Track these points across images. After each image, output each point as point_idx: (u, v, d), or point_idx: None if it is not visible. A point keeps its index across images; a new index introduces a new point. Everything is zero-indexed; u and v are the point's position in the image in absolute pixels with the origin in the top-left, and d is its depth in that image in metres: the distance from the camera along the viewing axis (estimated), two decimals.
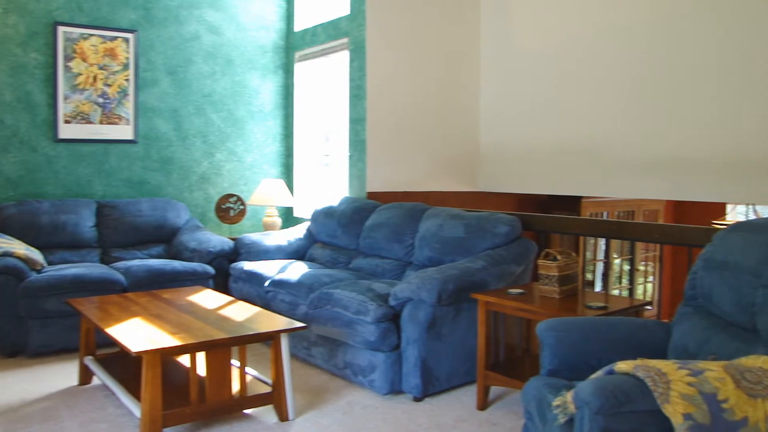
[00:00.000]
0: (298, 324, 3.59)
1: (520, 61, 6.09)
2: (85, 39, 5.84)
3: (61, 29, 5.72)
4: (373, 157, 5.78)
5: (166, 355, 3.29)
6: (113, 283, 4.85)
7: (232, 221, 6.42)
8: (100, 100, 5.95)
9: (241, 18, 6.69)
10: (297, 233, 5.87)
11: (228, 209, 6.40)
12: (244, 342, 3.41)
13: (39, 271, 4.80)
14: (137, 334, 3.32)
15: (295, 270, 4.94)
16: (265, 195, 6.25)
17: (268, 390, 3.56)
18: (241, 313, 3.84)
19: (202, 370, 3.38)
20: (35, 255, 4.86)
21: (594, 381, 2.04)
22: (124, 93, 6.06)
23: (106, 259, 5.55)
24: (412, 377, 3.84)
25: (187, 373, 3.54)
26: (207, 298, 4.23)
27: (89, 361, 3.99)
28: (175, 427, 3.35)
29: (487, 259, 4.17)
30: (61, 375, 4.27)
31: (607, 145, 5.37)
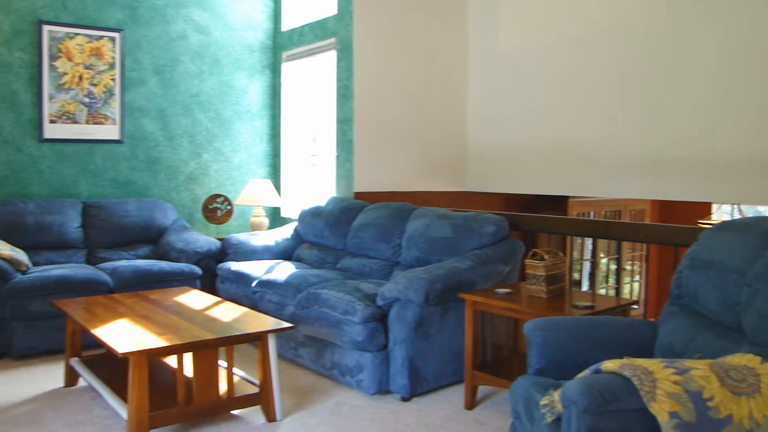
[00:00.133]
0: (286, 324, 3.59)
1: (507, 62, 6.11)
2: (70, 38, 5.80)
3: (46, 28, 5.68)
4: (361, 157, 5.77)
5: (152, 356, 3.28)
6: (99, 284, 4.82)
7: (220, 221, 6.40)
8: (86, 100, 5.91)
9: (228, 17, 6.67)
10: (284, 233, 5.86)
11: (215, 209, 6.38)
12: (232, 342, 3.40)
13: (24, 272, 4.77)
14: (124, 335, 3.30)
15: (283, 270, 4.93)
16: (252, 195, 6.23)
17: (255, 391, 3.55)
18: (228, 313, 3.82)
19: (189, 371, 3.37)
20: (20, 256, 4.83)
21: (581, 380, 2.05)
22: (110, 93, 6.02)
23: (92, 260, 5.51)
24: (399, 377, 3.84)
25: (174, 374, 3.53)
26: (194, 299, 4.21)
27: (75, 362, 3.96)
28: (162, 429, 3.33)
29: (474, 259, 4.18)
30: (46, 377, 4.23)
31: (595, 145, 5.40)
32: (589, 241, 7.35)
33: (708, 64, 4.68)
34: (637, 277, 8.03)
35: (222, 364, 3.62)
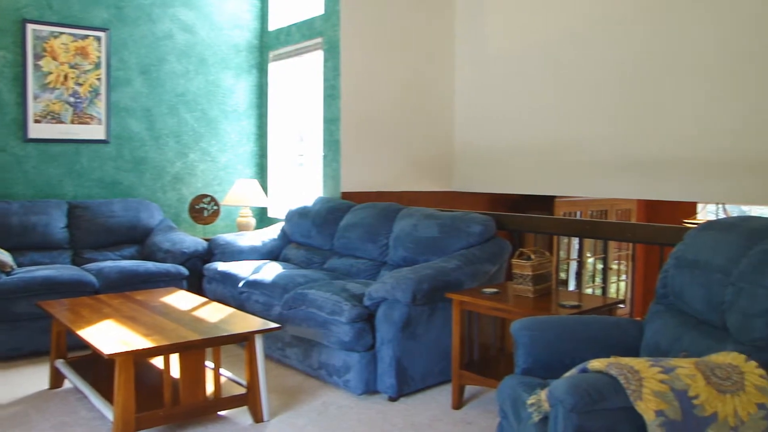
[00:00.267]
0: (273, 325, 3.58)
1: (494, 62, 6.12)
2: (55, 37, 5.76)
3: (30, 27, 5.63)
4: (348, 157, 5.77)
5: (139, 357, 3.26)
6: (85, 285, 4.79)
7: (206, 222, 6.37)
8: (71, 100, 5.87)
9: (215, 17, 6.64)
10: (271, 233, 5.84)
11: (202, 210, 6.35)
12: (219, 343, 3.39)
13: (8, 273, 4.73)
14: (110, 336, 3.28)
15: (270, 270, 4.92)
16: (239, 195, 6.21)
17: (242, 391, 3.54)
18: (215, 314, 3.81)
19: (175, 372, 3.35)
20: (4, 257, 4.79)
21: (568, 379, 2.06)
22: (95, 92, 5.99)
23: (77, 261, 5.47)
24: (386, 377, 3.84)
25: (161, 375, 3.51)
26: (180, 300, 4.19)
27: (60, 364, 3.93)
28: (148, 430, 3.30)
29: (461, 259, 4.18)
30: (31, 379, 4.20)
31: (581, 145, 5.42)
32: (575, 241, 7.38)
33: (690, 64, 4.71)
34: (623, 277, 8.07)
35: (209, 364, 3.60)
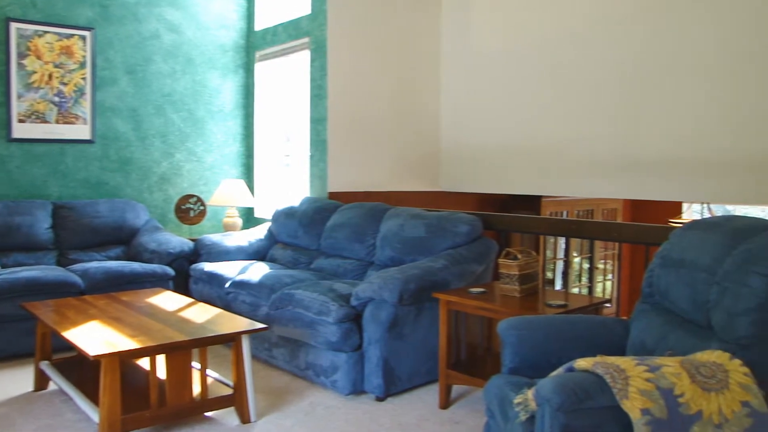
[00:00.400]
0: (260, 325, 3.57)
1: (480, 62, 6.13)
2: (39, 36, 5.72)
3: (13, 25, 5.58)
4: (334, 157, 5.76)
5: (125, 359, 3.25)
6: (70, 286, 4.76)
7: (192, 222, 6.35)
8: (56, 99, 5.83)
9: (201, 17, 6.61)
10: (258, 234, 5.83)
11: (188, 210, 6.32)
12: (205, 344, 3.38)
13: None
14: (95, 337, 3.26)
15: (256, 271, 4.90)
16: (225, 195, 6.19)
17: (229, 392, 3.53)
18: (201, 314, 3.79)
19: (162, 373, 3.34)
20: None
21: (554, 378, 2.07)
22: (81, 92, 5.95)
23: (62, 262, 5.43)
24: (374, 377, 3.84)
25: (147, 377, 3.49)
26: (167, 300, 4.17)
27: (45, 366, 3.90)
28: None
29: (448, 259, 4.19)
30: (15, 381, 4.17)
31: (567, 145, 5.44)
32: (562, 241, 7.41)
33: (676, 65, 4.73)
34: (609, 276, 8.10)
35: (195, 365, 3.58)
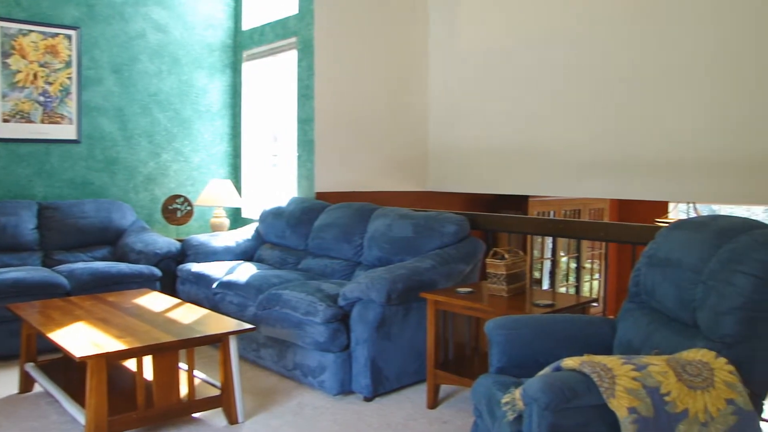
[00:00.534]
0: (247, 326, 3.56)
1: (468, 62, 6.15)
2: (24, 35, 5.67)
3: None
4: (322, 157, 5.76)
5: (111, 360, 3.23)
6: (56, 287, 4.72)
7: (179, 222, 6.32)
8: (41, 99, 5.79)
9: (188, 16, 6.58)
10: (245, 234, 5.81)
11: (175, 210, 6.30)
12: (192, 345, 3.36)
13: None
14: (81, 338, 3.24)
15: (244, 271, 4.89)
16: (212, 196, 6.17)
17: (217, 393, 3.52)
18: (188, 315, 3.78)
19: (149, 375, 3.32)
20: None
21: (542, 378, 2.07)
22: (66, 91, 5.91)
23: (48, 263, 5.39)
24: (362, 377, 3.84)
25: (134, 378, 3.47)
26: (154, 301, 4.15)
27: (30, 367, 3.87)
28: None
29: (435, 259, 4.19)
30: (0, 383, 4.13)
31: (554, 145, 5.46)
32: (549, 240, 7.44)
33: (666, 67, 4.76)
34: (596, 275, 8.15)
35: (183, 366, 3.57)
